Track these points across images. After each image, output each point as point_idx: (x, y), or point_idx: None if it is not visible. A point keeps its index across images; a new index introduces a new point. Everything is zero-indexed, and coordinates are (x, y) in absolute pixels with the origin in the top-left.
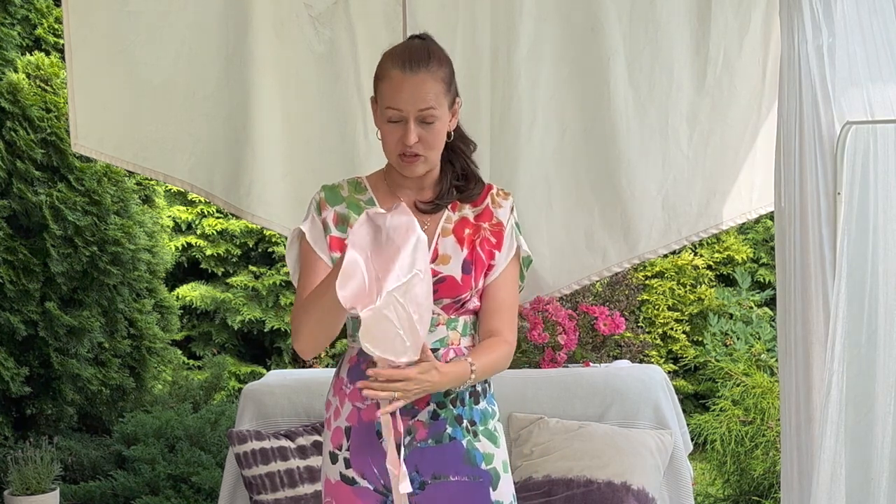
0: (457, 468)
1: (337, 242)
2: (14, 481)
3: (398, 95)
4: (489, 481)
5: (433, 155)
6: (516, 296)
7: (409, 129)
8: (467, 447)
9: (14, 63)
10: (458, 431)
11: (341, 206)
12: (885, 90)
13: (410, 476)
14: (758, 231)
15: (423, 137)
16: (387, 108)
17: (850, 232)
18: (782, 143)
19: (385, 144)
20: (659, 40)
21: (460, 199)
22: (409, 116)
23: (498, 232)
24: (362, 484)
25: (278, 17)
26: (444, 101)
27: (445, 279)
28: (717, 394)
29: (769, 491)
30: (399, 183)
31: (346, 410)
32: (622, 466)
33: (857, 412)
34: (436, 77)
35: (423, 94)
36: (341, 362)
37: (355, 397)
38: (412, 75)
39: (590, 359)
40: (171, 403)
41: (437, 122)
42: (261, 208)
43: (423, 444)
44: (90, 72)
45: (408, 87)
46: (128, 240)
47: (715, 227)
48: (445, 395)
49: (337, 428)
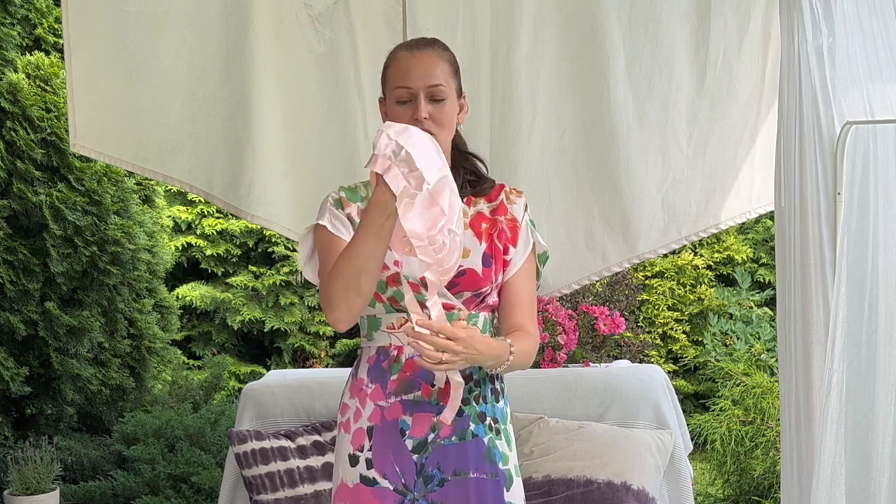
0: (477, 465)
1: None
2: (14, 481)
3: (407, 73)
4: (504, 481)
5: (444, 135)
6: (534, 292)
7: (419, 104)
8: (488, 444)
9: (14, 63)
10: (480, 428)
11: (363, 203)
12: (885, 90)
13: (432, 473)
14: (758, 231)
15: (434, 115)
16: (396, 88)
17: (850, 232)
18: (782, 142)
19: None
20: (658, 40)
21: (474, 194)
22: (418, 93)
23: (513, 227)
24: (382, 484)
25: (278, 17)
26: (451, 83)
27: (466, 272)
28: (717, 394)
29: (769, 491)
30: None
31: (367, 411)
32: (622, 466)
33: (857, 412)
34: (442, 57)
35: (431, 71)
36: (358, 364)
37: (377, 396)
38: (419, 53)
39: (590, 359)
40: (171, 403)
41: (447, 101)
42: (261, 208)
43: (447, 441)
44: (90, 72)
45: (415, 63)
46: (128, 240)
47: (714, 227)
48: (469, 392)
49: (358, 429)
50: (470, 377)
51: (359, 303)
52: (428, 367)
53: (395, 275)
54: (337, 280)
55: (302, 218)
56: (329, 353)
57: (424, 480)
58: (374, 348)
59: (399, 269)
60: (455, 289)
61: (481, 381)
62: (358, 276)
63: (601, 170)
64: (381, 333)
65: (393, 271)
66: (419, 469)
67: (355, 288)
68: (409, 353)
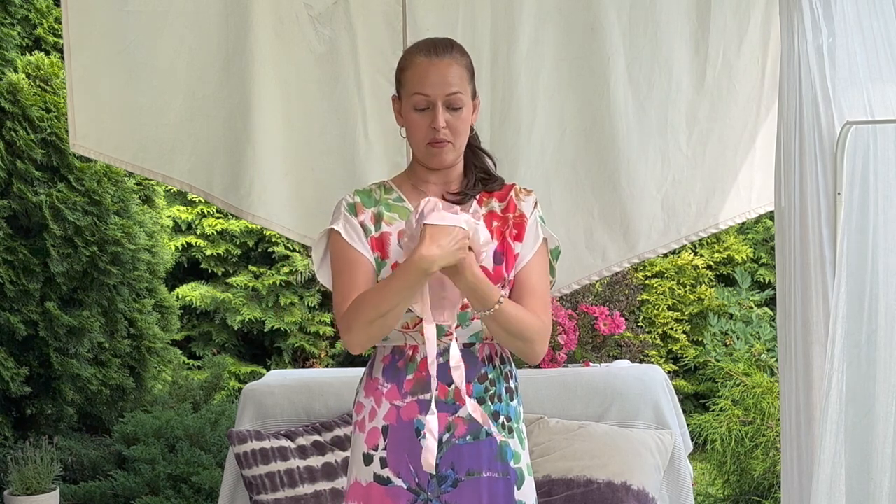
0: (490, 464)
1: (377, 243)
2: (14, 481)
3: (425, 80)
4: (515, 479)
5: (460, 142)
6: (547, 284)
7: (437, 113)
8: (500, 443)
9: (14, 63)
10: (494, 427)
11: (376, 207)
12: (885, 90)
13: (446, 473)
14: (758, 231)
15: (451, 123)
16: (414, 94)
17: (850, 232)
18: (782, 142)
19: (413, 135)
20: (658, 40)
21: (486, 192)
22: (436, 101)
23: (520, 223)
24: (396, 483)
25: (278, 16)
26: (468, 89)
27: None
28: (717, 394)
29: (769, 491)
30: (425, 179)
31: (382, 410)
32: (622, 466)
33: (858, 412)
34: (460, 63)
35: (449, 79)
36: (372, 363)
37: (392, 396)
38: (438, 60)
39: (590, 359)
40: (171, 403)
41: (464, 108)
42: (261, 208)
43: (461, 440)
44: (89, 72)
45: (434, 71)
46: (128, 240)
47: (714, 227)
48: (485, 392)
49: (373, 429)
50: (485, 377)
51: (380, 335)
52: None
53: None
54: (361, 314)
55: (302, 217)
56: (329, 354)
57: (438, 481)
58: (389, 348)
59: None
60: None
61: (496, 380)
62: (385, 316)
63: (601, 170)
64: (396, 333)
65: None
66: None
67: (379, 326)
68: (423, 352)
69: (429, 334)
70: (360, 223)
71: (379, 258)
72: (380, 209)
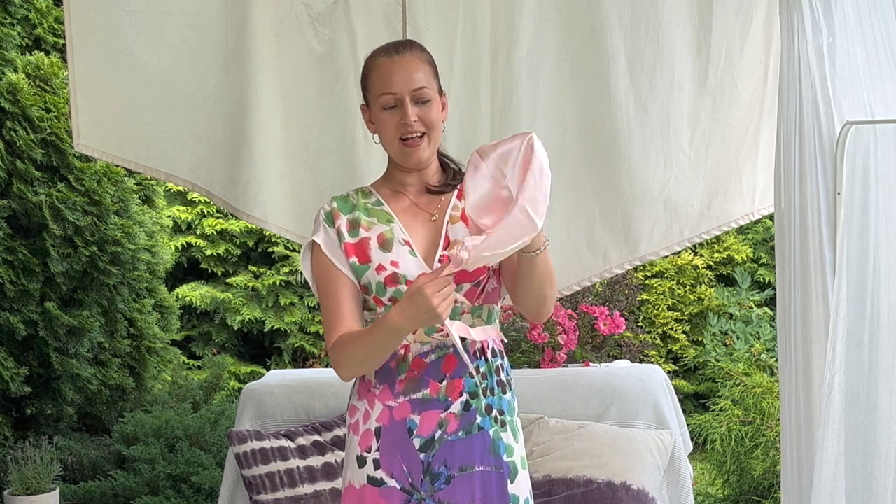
0: (482, 458)
1: (352, 248)
2: (14, 481)
3: (391, 79)
4: (508, 473)
5: (434, 135)
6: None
7: (406, 109)
8: (493, 437)
9: (14, 63)
10: (486, 421)
11: (353, 213)
12: (885, 90)
13: (439, 471)
14: (758, 231)
15: (422, 116)
16: (381, 95)
17: (850, 232)
18: (782, 143)
19: (384, 135)
20: (660, 40)
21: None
22: (404, 97)
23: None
24: (390, 484)
25: (278, 16)
26: (433, 84)
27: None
28: (717, 394)
29: (769, 491)
30: (402, 181)
31: (375, 412)
32: (622, 466)
33: (860, 412)
34: (422, 59)
35: (414, 74)
36: None
37: (385, 397)
38: (399, 57)
39: (590, 359)
40: (170, 403)
41: (432, 102)
42: (257, 208)
43: (453, 436)
44: (92, 72)
45: (398, 68)
46: (128, 240)
47: (717, 229)
48: (476, 385)
49: (366, 431)
50: (476, 370)
51: (369, 371)
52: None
53: (392, 275)
54: (344, 358)
55: (300, 218)
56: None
57: (431, 479)
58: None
59: (397, 269)
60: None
61: (487, 374)
62: (364, 363)
63: (602, 170)
64: None
65: (390, 272)
66: (426, 468)
67: (363, 368)
68: (415, 351)
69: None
70: (335, 230)
71: (357, 262)
72: (357, 214)
